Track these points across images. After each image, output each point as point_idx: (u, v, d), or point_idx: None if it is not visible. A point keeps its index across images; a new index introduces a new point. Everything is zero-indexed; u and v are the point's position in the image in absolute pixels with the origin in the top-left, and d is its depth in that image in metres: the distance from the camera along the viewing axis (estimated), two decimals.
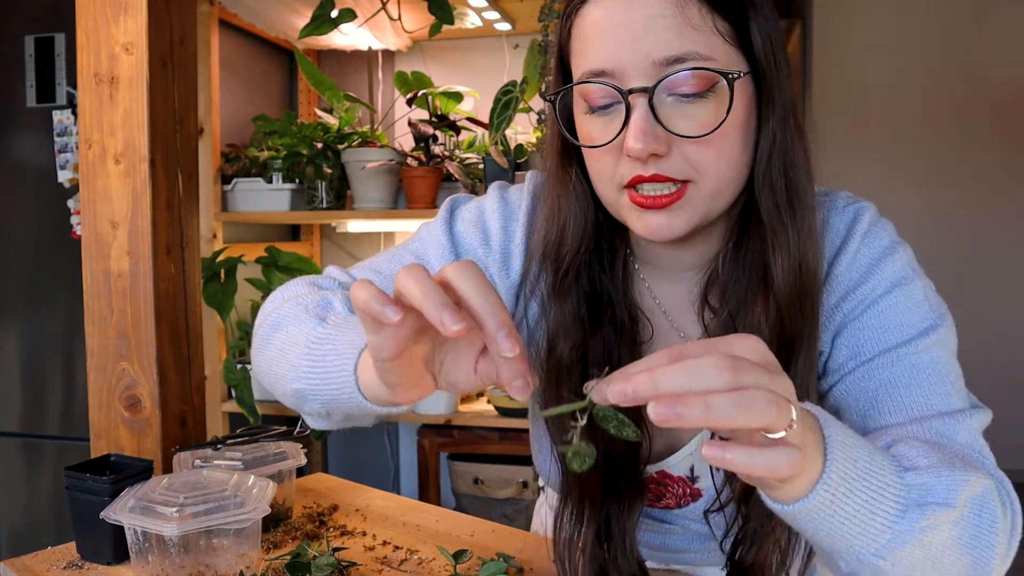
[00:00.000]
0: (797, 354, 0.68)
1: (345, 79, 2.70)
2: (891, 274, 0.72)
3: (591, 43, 0.66)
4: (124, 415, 1.22)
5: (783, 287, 0.67)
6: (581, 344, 0.73)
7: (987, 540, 0.56)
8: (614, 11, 0.64)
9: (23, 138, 2.17)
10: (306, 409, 0.70)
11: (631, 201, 0.67)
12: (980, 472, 0.59)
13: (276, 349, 0.72)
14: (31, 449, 2.22)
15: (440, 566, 0.93)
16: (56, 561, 0.96)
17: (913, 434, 0.65)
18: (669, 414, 0.43)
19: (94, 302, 1.23)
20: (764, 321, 0.68)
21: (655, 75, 0.63)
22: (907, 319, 0.70)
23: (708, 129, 0.64)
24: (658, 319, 0.78)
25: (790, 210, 0.67)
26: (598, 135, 0.67)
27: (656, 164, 0.64)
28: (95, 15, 1.21)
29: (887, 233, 0.75)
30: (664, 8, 0.62)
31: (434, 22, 1.77)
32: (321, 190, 2.28)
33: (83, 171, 1.23)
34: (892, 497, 0.52)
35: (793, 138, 0.68)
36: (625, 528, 0.75)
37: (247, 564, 0.89)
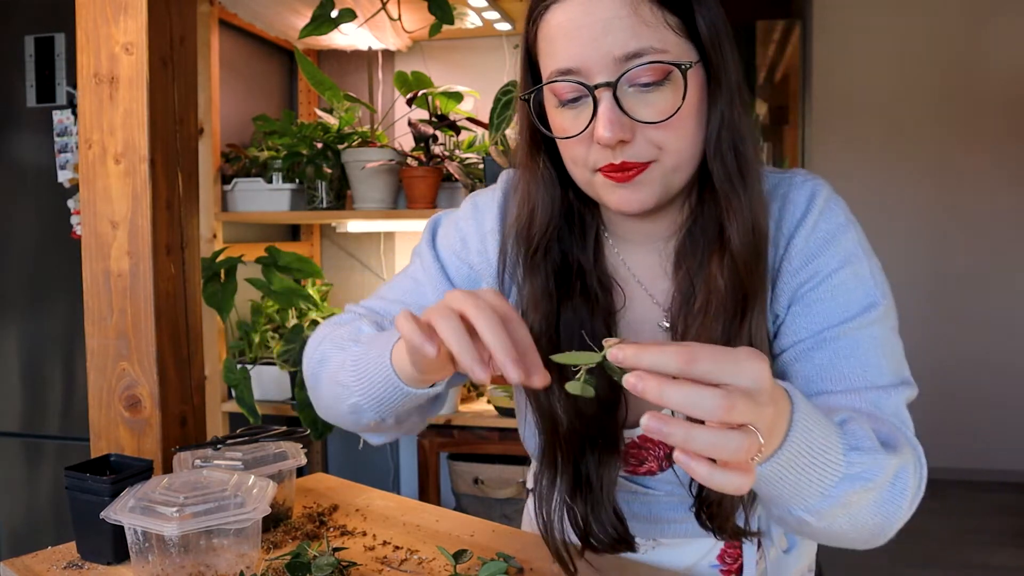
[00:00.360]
0: (752, 306, 0.75)
1: (345, 79, 2.70)
2: (843, 251, 0.79)
3: (556, 44, 0.73)
4: (124, 415, 1.22)
5: (740, 246, 0.75)
6: (551, 314, 0.80)
7: (897, 505, 0.68)
8: (574, 15, 0.72)
9: (23, 138, 2.17)
10: (363, 422, 0.80)
11: (604, 177, 0.75)
12: (904, 451, 0.69)
13: (327, 381, 0.84)
14: (31, 449, 2.22)
15: (440, 566, 0.93)
16: (56, 561, 0.96)
17: (851, 403, 0.75)
18: (656, 429, 0.49)
19: (94, 302, 1.23)
20: (720, 277, 0.76)
21: (616, 70, 0.71)
22: (854, 296, 0.78)
23: (667, 114, 0.72)
24: (632, 287, 0.86)
25: (740, 179, 0.75)
26: (570, 126, 0.75)
27: (623, 150, 0.72)
28: (95, 15, 1.21)
29: (842, 210, 0.82)
30: (619, 9, 0.70)
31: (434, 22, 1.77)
32: (321, 190, 2.28)
33: (83, 171, 1.23)
34: (833, 472, 0.61)
35: (740, 115, 0.76)
36: (603, 481, 0.81)
37: (247, 564, 0.89)
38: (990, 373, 3.88)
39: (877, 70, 3.93)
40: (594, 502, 0.82)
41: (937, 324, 3.92)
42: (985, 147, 3.86)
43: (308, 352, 0.90)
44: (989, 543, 3.15)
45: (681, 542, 0.92)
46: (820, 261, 0.79)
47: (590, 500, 0.82)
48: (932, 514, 3.44)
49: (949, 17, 3.85)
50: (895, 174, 3.95)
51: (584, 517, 0.82)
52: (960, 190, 3.89)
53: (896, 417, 0.75)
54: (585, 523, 0.82)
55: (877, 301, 0.78)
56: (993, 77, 3.83)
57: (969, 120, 3.86)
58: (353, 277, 2.76)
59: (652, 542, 0.93)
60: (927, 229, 3.94)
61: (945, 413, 3.89)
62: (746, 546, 0.90)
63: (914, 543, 3.14)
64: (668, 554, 0.92)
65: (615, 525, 0.82)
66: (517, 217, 0.84)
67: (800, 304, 0.79)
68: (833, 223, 0.80)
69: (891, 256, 3.92)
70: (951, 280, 3.91)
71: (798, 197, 0.81)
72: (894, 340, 0.79)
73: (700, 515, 0.81)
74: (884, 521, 0.68)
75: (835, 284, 0.78)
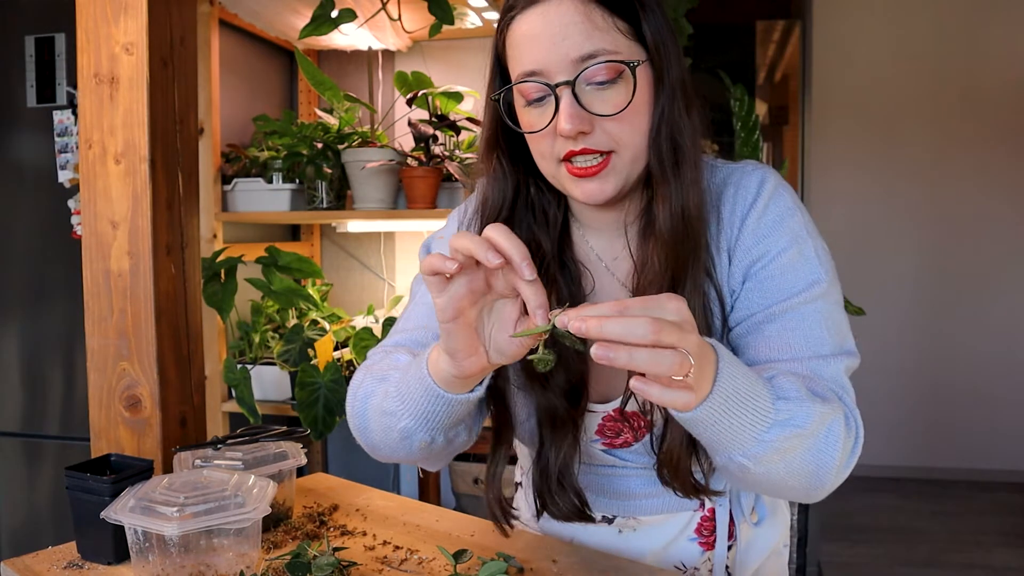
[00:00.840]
0: (683, 285, 0.83)
1: (345, 79, 2.70)
2: (790, 232, 0.87)
3: (521, 50, 0.83)
4: (124, 415, 1.22)
5: (667, 230, 0.83)
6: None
7: (829, 454, 0.76)
8: (535, 23, 0.81)
9: (23, 138, 2.17)
10: (415, 446, 0.85)
11: (568, 173, 0.83)
12: (835, 405, 0.77)
13: (374, 414, 0.89)
14: (31, 449, 2.22)
15: (440, 566, 0.93)
16: (57, 561, 0.96)
17: (793, 370, 0.81)
18: (603, 356, 0.59)
19: (94, 302, 1.23)
20: (655, 259, 0.84)
21: (574, 70, 0.80)
22: (800, 274, 0.85)
23: (620, 108, 0.80)
24: (600, 271, 0.94)
25: (675, 168, 0.83)
26: (536, 122, 0.83)
27: (584, 140, 0.81)
28: (95, 15, 1.21)
29: (789, 195, 0.90)
30: (573, 16, 0.79)
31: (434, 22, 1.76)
32: (321, 190, 2.28)
33: (83, 171, 1.23)
34: (763, 417, 0.71)
35: (680, 110, 0.84)
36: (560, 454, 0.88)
37: (247, 564, 0.89)
38: (989, 372, 3.88)
39: (877, 70, 3.93)
40: (551, 477, 0.89)
41: (937, 322, 3.92)
42: (985, 147, 3.86)
43: (351, 398, 0.94)
44: (989, 543, 3.15)
45: (660, 519, 0.97)
46: (769, 241, 0.86)
47: (548, 476, 0.89)
48: (932, 514, 3.44)
49: (949, 17, 3.85)
50: (895, 174, 3.95)
51: (541, 487, 0.90)
52: (959, 189, 3.89)
53: (834, 382, 0.82)
54: (543, 493, 0.90)
55: (821, 278, 0.85)
56: (993, 77, 3.83)
57: (969, 120, 3.86)
58: (353, 277, 2.76)
59: (633, 521, 0.98)
60: (927, 228, 3.94)
61: (945, 413, 3.90)
62: (718, 516, 0.96)
63: (914, 543, 3.14)
64: (649, 532, 0.98)
65: (572, 498, 0.90)
66: (475, 208, 0.94)
67: (752, 281, 0.87)
68: (781, 206, 0.88)
69: (890, 255, 3.93)
70: (951, 279, 3.91)
71: (749, 183, 0.89)
72: (837, 314, 0.86)
73: (662, 472, 0.87)
74: (817, 469, 0.76)
75: (783, 263, 0.86)
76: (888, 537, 3.20)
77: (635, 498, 0.97)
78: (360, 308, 2.66)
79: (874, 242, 3.93)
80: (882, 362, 3.86)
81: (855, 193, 3.96)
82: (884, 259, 3.93)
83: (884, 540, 3.17)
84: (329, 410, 2.01)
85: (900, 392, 3.87)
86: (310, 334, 2.18)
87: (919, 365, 3.91)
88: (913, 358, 3.91)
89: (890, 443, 3.88)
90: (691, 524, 0.97)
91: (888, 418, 3.88)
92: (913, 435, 3.92)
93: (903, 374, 3.89)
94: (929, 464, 3.92)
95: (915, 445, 3.92)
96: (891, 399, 3.89)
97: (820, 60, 3.98)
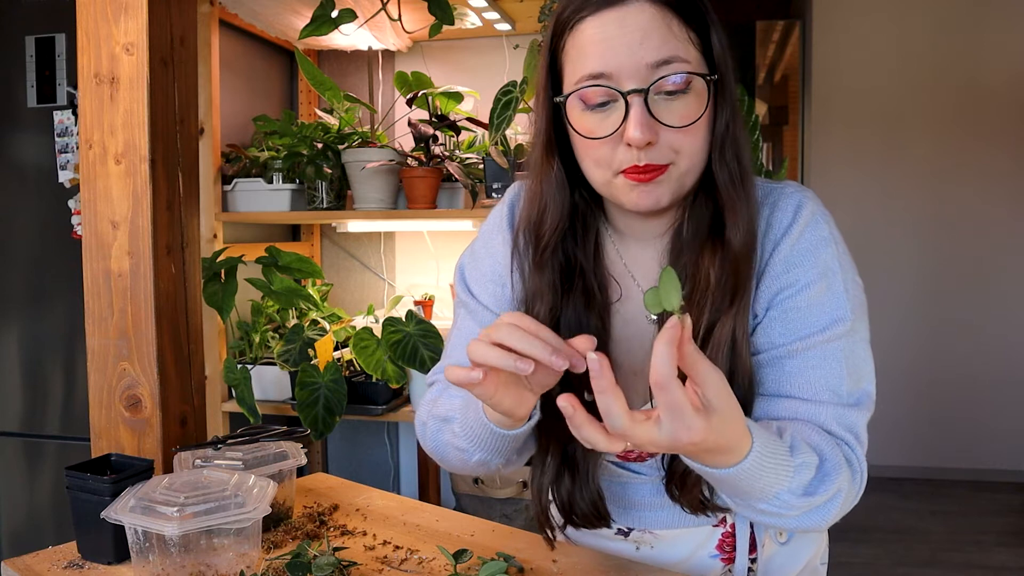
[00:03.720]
0: (739, 300, 0.82)
1: (345, 79, 2.70)
2: (821, 264, 0.85)
3: (589, 52, 0.79)
4: (124, 415, 1.22)
5: (739, 246, 0.82)
6: (555, 307, 0.88)
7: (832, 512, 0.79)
8: (609, 26, 0.78)
9: (24, 138, 2.17)
10: (492, 468, 0.90)
11: (626, 180, 0.81)
12: (843, 475, 0.78)
13: (449, 450, 0.93)
14: (31, 449, 2.22)
15: (440, 566, 0.93)
16: (57, 561, 0.96)
17: (814, 414, 0.82)
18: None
19: (94, 302, 1.23)
20: (712, 271, 0.83)
21: (647, 77, 0.77)
22: (825, 309, 0.84)
23: (690, 120, 0.79)
24: (627, 281, 0.93)
25: (742, 185, 0.83)
26: (597, 129, 0.80)
27: (647, 153, 0.79)
28: (95, 15, 1.21)
29: (826, 225, 0.87)
30: (653, 21, 0.78)
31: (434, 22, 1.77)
32: (321, 190, 2.28)
33: (84, 171, 1.23)
34: (778, 499, 0.74)
35: (740, 128, 0.83)
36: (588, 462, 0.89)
37: (248, 564, 0.89)
38: (990, 373, 3.88)
39: (877, 70, 3.93)
40: (580, 481, 0.89)
41: (937, 323, 3.92)
42: (985, 147, 3.86)
43: (421, 437, 0.99)
44: (989, 543, 3.15)
45: (676, 534, 0.95)
46: (799, 271, 0.84)
47: (577, 479, 0.89)
48: (932, 514, 3.44)
49: (949, 17, 3.85)
50: (894, 174, 3.95)
51: (569, 494, 0.89)
52: (959, 189, 3.89)
53: (851, 432, 0.82)
54: (570, 499, 0.90)
55: (845, 316, 0.84)
56: (993, 77, 3.83)
57: (969, 120, 3.86)
58: (353, 277, 2.76)
59: (650, 536, 0.96)
60: (927, 228, 3.94)
61: (944, 413, 3.90)
62: (739, 531, 0.94)
63: (914, 543, 3.14)
64: (667, 547, 0.96)
65: (595, 502, 0.90)
66: (528, 215, 0.90)
67: (776, 310, 0.85)
68: (816, 236, 0.85)
69: (890, 255, 3.93)
70: (951, 280, 3.91)
71: (786, 206, 0.87)
72: (861, 352, 0.85)
73: (670, 488, 0.87)
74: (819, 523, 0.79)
75: (810, 296, 0.84)
76: (888, 537, 3.20)
77: (649, 508, 0.96)
78: (360, 308, 2.67)
79: (874, 242, 3.93)
80: (882, 362, 3.83)
81: (855, 193, 3.96)
82: (884, 259, 3.93)
83: (884, 540, 3.17)
84: (329, 410, 2.01)
85: (900, 392, 3.87)
86: (310, 334, 2.18)
87: (919, 365, 3.91)
88: (913, 358, 3.91)
89: (890, 443, 3.88)
90: (711, 540, 0.95)
91: (888, 418, 3.88)
92: (913, 435, 3.92)
93: (903, 374, 3.89)
94: (929, 464, 3.92)
95: (915, 445, 3.92)
96: (891, 399, 3.89)
97: (820, 60, 3.99)
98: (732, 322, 0.82)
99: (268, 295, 2.12)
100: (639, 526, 0.96)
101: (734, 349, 0.82)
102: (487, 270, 0.99)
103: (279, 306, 2.35)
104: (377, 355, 2.04)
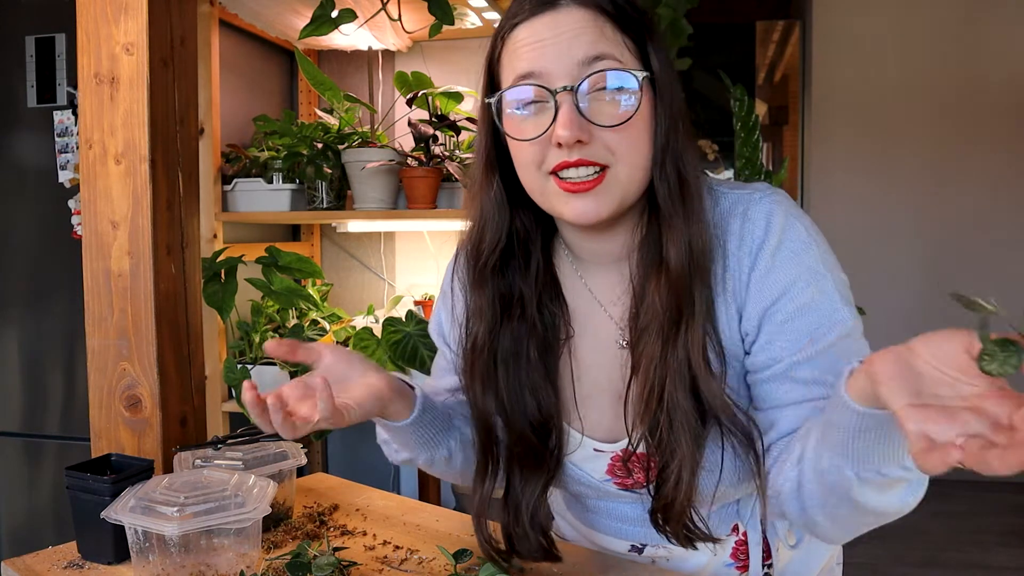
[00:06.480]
0: (686, 325, 0.79)
1: (345, 79, 2.70)
2: (807, 270, 0.81)
3: (521, 54, 0.79)
4: (124, 415, 1.22)
5: (675, 266, 0.79)
6: (494, 329, 0.87)
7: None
8: (540, 29, 0.78)
9: (24, 138, 2.17)
10: (420, 463, 0.93)
11: (558, 187, 0.79)
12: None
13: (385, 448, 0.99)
14: (32, 449, 2.22)
15: (440, 566, 0.93)
16: (57, 561, 0.96)
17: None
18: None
19: (94, 302, 1.23)
20: (658, 297, 0.80)
21: (578, 75, 0.76)
22: (823, 314, 0.80)
23: (622, 119, 0.77)
24: (593, 306, 0.90)
25: (681, 201, 0.80)
26: (528, 130, 0.79)
27: (580, 150, 0.76)
28: (95, 15, 1.21)
29: (803, 227, 0.83)
30: (584, 23, 0.77)
31: (434, 22, 1.76)
32: (321, 190, 2.28)
33: (84, 171, 1.23)
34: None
35: (684, 143, 0.80)
36: (526, 498, 0.87)
37: (248, 564, 0.89)
38: None
39: (877, 70, 3.93)
40: (518, 517, 0.88)
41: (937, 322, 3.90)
42: (985, 146, 3.86)
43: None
44: (989, 543, 3.15)
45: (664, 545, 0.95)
46: (787, 281, 0.81)
47: (516, 515, 0.88)
48: (932, 514, 3.44)
49: (949, 17, 3.85)
50: (895, 173, 3.95)
51: (508, 529, 0.88)
52: (960, 188, 3.89)
53: None
54: (510, 535, 0.88)
55: (845, 317, 0.81)
56: (993, 77, 3.83)
57: (969, 119, 3.86)
58: (353, 277, 2.76)
59: (664, 550, 0.96)
60: (927, 227, 3.94)
61: None
62: (751, 539, 0.94)
63: (914, 543, 3.14)
64: (682, 560, 0.95)
65: (538, 540, 0.88)
66: (469, 232, 0.90)
67: (772, 325, 0.81)
68: (796, 242, 0.82)
69: (890, 254, 3.93)
70: (951, 279, 3.91)
71: (756, 215, 0.82)
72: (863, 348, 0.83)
73: (655, 517, 0.84)
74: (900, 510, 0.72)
75: (804, 305, 0.80)
76: (888, 537, 3.20)
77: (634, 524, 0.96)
78: (360, 308, 2.67)
79: (874, 241, 3.93)
80: None
81: (855, 192, 3.96)
82: (884, 258, 3.93)
83: (884, 540, 3.17)
84: None
85: None
86: (310, 334, 2.18)
87: None
88: None
89: None
90: (725, 549, 0.95)
91: None
92: None
93: None
94: None
95: None
96: None
97: (820, 60, 3.99)
98: (683, 350, 0.79)
99: (268, 295, 2.12)
100: (651, 542, 0.96)
101: (692, 373, 0.79)
102: (434, 325, 1.03)
103: (279, 306, 2.35)
104: (377, 355, 2.04)
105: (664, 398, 0.79)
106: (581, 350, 0.91)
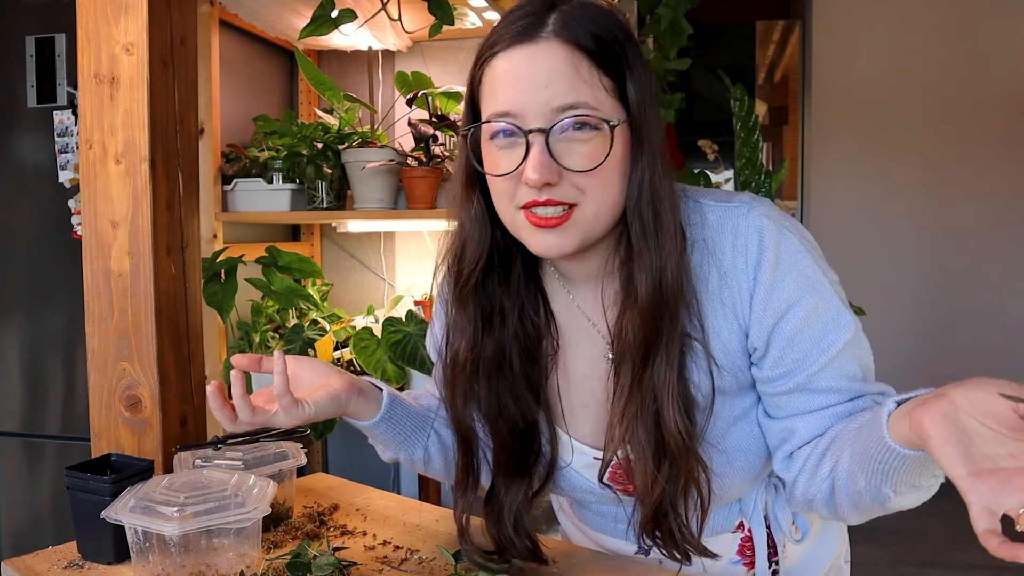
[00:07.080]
0: (654, 356, 0.81)
1: (345, 79, 2.70)
2: (805, 280, 0.82)
3: (499, 88, 0.79)
4: (124, 415, 1.22)
5: (644, 299, 0.80)
6: (476, 344, 0.88)
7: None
8: (519, 64, 0.78)
9: (24, 138, 2.17)
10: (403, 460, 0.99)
11: (527, 221, 0.80)
12: None
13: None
14: (31, 449, 2.22)
15: (440, 566, 0.93)
16: (57, 561, 0.96)
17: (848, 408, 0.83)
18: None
19: (94, 302, 1.23)
20: (630, 329, 0.81)
21: (551, 119, 0.77)
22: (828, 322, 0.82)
23: (593, 164, 0.77)
24: (581, 322, 0.92)
25: (655, 236, 0.80)
26: (503, 163, 0.80)
27: (548, 191, 0.77)
28: (95, 15, 1.21)
29: (795, 236, 0.84)
30: (561, 64, 0.76)
31: (434, 22, 1.76)
32: (321, 190, 2.28)
33: (84, 171, 1.23)
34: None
35: (660, 177, 0.80)
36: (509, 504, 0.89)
37: (248, 564, 0.89)
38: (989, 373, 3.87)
39: (877, 70, 3.93)
40: (500, 522, 0.89)
41: (936, 322, 3.92)
42: (985, 147, 3.86)
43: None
44: None
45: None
46: (790, 295, 0.82)
47: (499, 520, 0.90)
48: (932, 514, 3.44)
49: (949, 17, 3.86)
50: (894, 173, 3.95)
51: (493, 534, 0.90)
52: (960, 189, 3.89)
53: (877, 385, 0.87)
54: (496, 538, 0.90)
55: (849, 322, 0.83)
56: (993, 77, 3.84)
57: (969, 120, 3.87)
58: (353, 277, 2.76)
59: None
60: (927, 227, 3.94)
61: None
62: (755, 535, 0.95)
63: (914, 543, 3.14)
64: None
65: (524, 544, 0.90)
66: (450, 248, 0.90)
67: (781, 339, 0.83)
68: (792, 253, 0.82)
69: (890, 254, 3.93)
70: (951, 279, 3.91)
71: (747, 230, 0.83)
72: (865, 346, 0.86)
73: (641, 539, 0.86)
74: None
75: (808, 315, 0.82)
76: (888, 537, 3.20)
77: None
78: (360, 308, 2.66)
79: (874, 241, 3.93)
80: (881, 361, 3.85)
81: (855, 192, 3.96)
82: (884, 258, 3.93)
83: (884, 540, 3.17)
84: None
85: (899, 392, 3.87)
86: (310, 334, 2.18)
87: (918, 364, 3.91)
88: (913, 357, 3.91)
89: None
90: (732, 547, 0.96)
91: None
92: None
93: (902, 373, 3.88)
94: None
95: None
96: None
97: (820, 60, 3.99)
98: (648, 385, 0.81)
99: (268, 295, 2.12)
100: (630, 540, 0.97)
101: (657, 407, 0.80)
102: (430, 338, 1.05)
103: (279, 306, 2.35)
104: (377, 355, 2.04)
105: (626, 426, 0.82)
106: (575, 362, 0.92)
